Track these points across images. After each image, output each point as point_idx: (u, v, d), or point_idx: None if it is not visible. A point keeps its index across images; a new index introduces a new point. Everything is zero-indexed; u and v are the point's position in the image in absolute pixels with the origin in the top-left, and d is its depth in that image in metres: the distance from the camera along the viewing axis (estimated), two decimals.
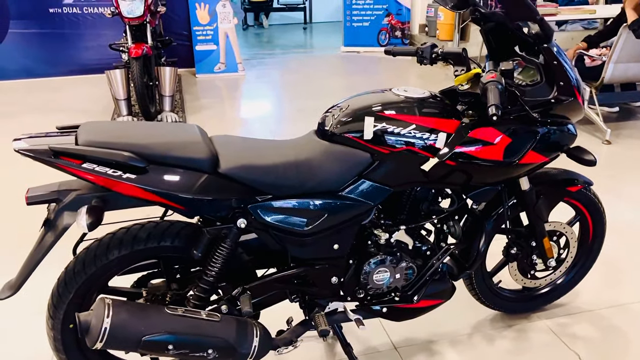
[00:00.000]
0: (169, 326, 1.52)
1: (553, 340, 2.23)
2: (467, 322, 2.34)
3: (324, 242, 1.76)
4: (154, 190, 1.51)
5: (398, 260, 1.86)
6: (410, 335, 2.25)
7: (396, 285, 1.90)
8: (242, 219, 1.64)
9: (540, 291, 2.36)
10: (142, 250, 1.65)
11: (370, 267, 1.83)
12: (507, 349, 2.19)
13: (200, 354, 1.56)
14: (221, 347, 1.58)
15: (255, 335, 1.64)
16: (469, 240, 1.99)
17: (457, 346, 2.20)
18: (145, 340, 1.47)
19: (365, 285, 1.86)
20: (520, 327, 2.30)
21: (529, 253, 2.14)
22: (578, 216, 2.25)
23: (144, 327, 1.48)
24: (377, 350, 2.19)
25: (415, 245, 1.93)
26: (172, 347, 1.51)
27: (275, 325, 1.90)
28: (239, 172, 1.60)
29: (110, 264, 1.64)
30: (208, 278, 1.67)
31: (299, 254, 1.76)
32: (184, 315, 1.56)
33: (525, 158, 1.80)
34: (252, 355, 1.63)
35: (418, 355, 2.15)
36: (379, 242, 1.84)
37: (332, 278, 1.83)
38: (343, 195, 1.73)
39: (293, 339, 1.82)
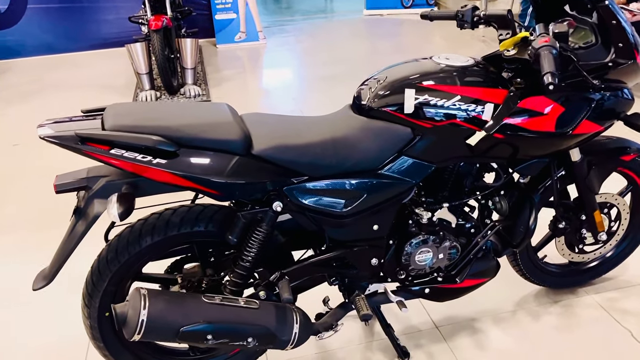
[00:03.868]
0: (207, 315, 1.46)
1: (602, 316, 2.13)
2: (510, 298, 2.25)
3: (363, 223, 1.68)
4: (185, 175, 1.43)
5: (441, 240, 1.77)
6: (451, 314, 2.18)
7: (439, 265, 1.81)
8: (277, 201, 1.56)
9: (588, 265, 2.25)
10: (176, 236, 1.59)
11: (411, 247, 1.74)
12: (553, 325, 2.10)
13: (240, 343, 1.50)
14: (261, 335, 1.53)
15: (295, 321, 1.58)
16: (515, 216, 1.87)
17: (500, 323, 2.12)
18: (183, 331, 1.42)
19: (407, 266, 1.78)
20: (567, 303, 2.21)
21: (578, 227, 2.02)
22: (630, 186, 2.11)
23: (181, 317, 1.43)
24: (417, 329, 2.12)
25: (459, 223, 1.83)
26: (211, 337, 1.46)
27: (312, 306, 1.84)
28: (273, 153, 1.52)
29: (143, 251, 1.58)
30: (244, 264, 1.60)
31: (337, 235, 1.68)
32: (221, 304, 1.50)
33: (579, 128, 1.67)
34: (292, 342, 1.58)
35: (460, 333, 2.08)
36: (421, 222, 1.74)
37: (372, 259, 1.75)
38: (383, 173, 1.64)
39: (333, 322, 1.75)
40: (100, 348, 1.69)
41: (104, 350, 1.69)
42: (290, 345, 1.58)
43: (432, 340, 2.06)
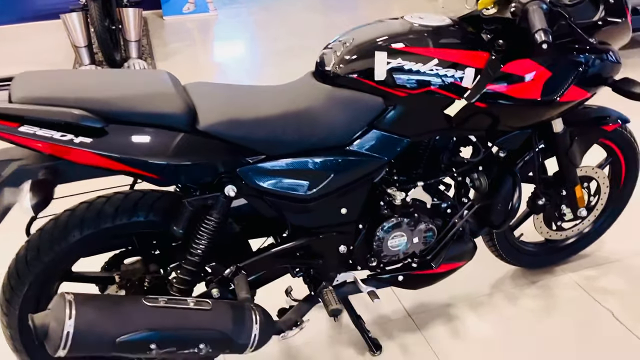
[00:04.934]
0: (149, 321, 1.24)
1: (581, 296, 2.02)
2: (486, 281, 2.11)
3: (329, 207, 1.48)
4: (116, 157, 1.19)
5: (416, 222, 1.58)
6: (424, 300, 2.02)
7: (413, 250, 1.63)
8: (230, 185, 1.33)
9: (566, 242, 2.13)
10: (110, 229, 1.35)
11: (384, 232, 1.56)
12: (531, 308, 1.97)
13: (190, 350, 1.28)
14: (215, 340, 1.31)
15: (254, 321, 1.37)
16: (495, 195, 1.71)
17: (476, 309, 1.98)
18: (120, 342, 1.19)
19: (379, 253, 1.59)
20: (544, 283, 2.09)
21: (558, 203, 1.89)
22: (610, 158, 1.99)
23: (117, 326, 1.20)
24: (389, 318, 1.95)
25: (434, 204, 1.65)
26: (155, 347, 1.23)
27: (273, 298, 1.64)
28: (222, 128, 1.28)
29: (72, 247, 1.33)
30: (193, 258, 1.37)
31: (300, 222, 1.47)
32: (166, 307, 1.27)
33: (566, 95, 1.50)
34: (252, 345, 1.37)
35: (435, 321, 1.93)
36: (394, 203, 1.55)
37: (340, 247, 1.55)
38: (351, 150, 1.43)
39: (298, 319, 1.56)
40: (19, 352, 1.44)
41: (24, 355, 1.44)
42: (249, 348, 1.37)
43: (405, 330, 1.90)
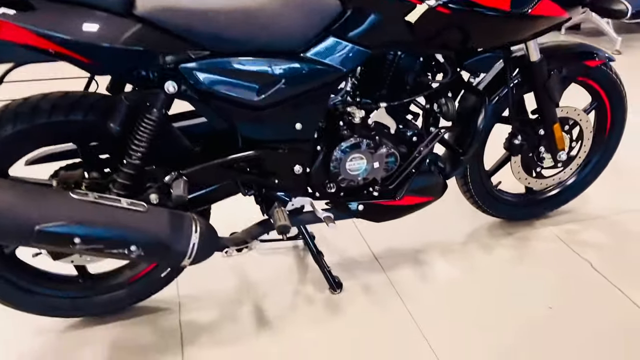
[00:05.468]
0: (73, 213, 1.16)
1: (560, 248, 1.92)
2: (460, 231, 2.02)
3: (282, 119, 1.39)
4: (44, 33, 1.12)
5: (376, 145, 1.50)
6: (394, 246, 1.93)
7: (374, 176, 1.54)
8: (171, 81, 1.26)
9: (546, 194, 2.02)
10: (46, 126, 1.28)
11: (342, 152, 1.47)
12: (507, 258, 1.87)
13: (120, 251, 1.21)
14: (148, 244, 1.23)
15: (194, 230, 1.30)
16: (464, 123, 1.62)
17: (447, 256, 1.88)
18: (40, 231, 1.12)
19: (337, 176, 1.51)
20: (523, 235, 1.98)
21: (536, 144, 1.79)
22: (595, 103, 1.88)
23: (38, 214, 1.13)
24: (354, 260, 1.86)
25: (399, 130, 1.56)
26: (79, 241, 1.16)
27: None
28: (161, 15, 1.21)
29: (4, 143, 1.26)
30: (132, 160, 1.30)
31: (250, 133, 1.39)
32: (95, 201, 1.20)
33: (538, 8, 1.41)
34: (190, 255, 1.29)
35: (402, 265, 1.83)
36: (353, 122, 1.47)
37: (296, 167, 1.47)
38: (305, 57, 1.35)
39: (247, 239, 1.47)
40: None
41: None
42: (187, 258, 1.30)
43: (369, 271, 1.81)
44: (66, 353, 1.52)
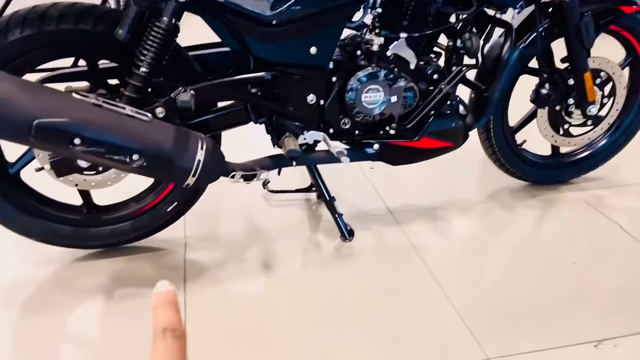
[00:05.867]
0: (74, 112, 1.12)
1: (587, 210, 1.81)
2: (481, 192, 1.93)
3: (296, 41, 1.34)
4: None
5: (395, 78, 1.43)
6: (410, 202, 1.85)
7: (392, 112, 1.48)
8: None
9: (574, 157, 1.92)
10: (54, 34, 1.25)
11: (358, 82, 1.41)
12: (530, 217, 1.78)
13: (121, 158, 1.16)
14: (151, 155, 1.19)
15: (199, 147, 1.24)
16: (488, 61, 1.54)
17: (467, 213, 1.79)
18: (38, 125, 1.08)
19: (352, 109, 1.44)
20: (547, 198, 1.88)
21: (565, 95, 1.70)
22: (629, 58, 1.78)
23: (37, 108, 1.09)
24: (368, 213, 1.79)
25: (420, 65, 1.49)
26: (79, 142, 1.12)
27: None
28: None
29: (10, 48, 1.24)
30: (139, 71, 1.26)
31: (262, 53, 1.34)
32: (98, 104, 1.16)
33: None
34: (195, 172, 1.24)
35: (418, 220, 1.75)
36: (371, 50, 1.41)
37: (309, 96, 1.41)
38: None
39: (256, 168, 1.42)
40: None
41: None
42: (191, 176, 1.24)
43: (383, 223, 1.73)
44: (69, 281, 1.48)
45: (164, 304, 0.34)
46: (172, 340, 0.32)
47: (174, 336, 0.33)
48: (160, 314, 0.33)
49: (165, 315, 0.33)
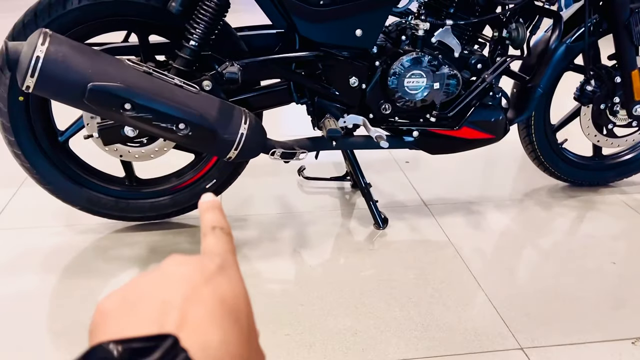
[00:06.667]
0: (127, 78, 1.16)
1: (628, 213, 1.77)
2: (518, 189, 1.90)
3: (342, 22, 1.36)
4: None
5: (438, 65, 1.43)
6: (445, 195, 1.84)
7: (433, 99, 1.47)
8: None
9: (616, 160, 1.88)
10: (109, 4, 1.29)
11: (402, 67, 1.42)
12: (568, 216, 1.74)
13: (168, 126, 1.19)
14: (197, 125, 1.21)
15: (243, 121, 1.27)
16: (534, 54, 1.53)
17: (502, 209, 1.77)
18: (92, 88, 1.12)
19: (394, 94, 1.45)
20: (586, 199, 1.85)
21: (610, 93, 1.67)
22: None
23: (92, 71, 1.13)
24: (403, 204, 1.79)
25: (464, 54, 1.49)
26: (130, 107, 1.15)
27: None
28: None
29: (68, 17, 1.29)
30: (189, 44, 1.29)
31: (309, 33, 1.36)
32: (149, 72, 1.19)
33: None
34: (237, 145, 1.26)
35: (453, 213, 1.74)
36: (416, 35, 1.41)
37: (351, 78, 1.43)
38: None
39: (295, 147, 1.43)
40: (12, 144, 1.40)
41: (16, 147, 1.40)
42: (234, 149, 1.27)
43: (417, 214, 1.73)
44: (107, 250, 1.52)
45: (211, 208, 0.36)
46: (221, 234, 0.34)
47: (223, 232, 0.34)
48: (209, 215, 0.35)
49: (213, 216, 0.35)
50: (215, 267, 0.31)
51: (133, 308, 0.27)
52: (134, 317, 0.27)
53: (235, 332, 0.28)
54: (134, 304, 0.28)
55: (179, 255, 0.31)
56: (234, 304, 0.29)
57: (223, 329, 0.27)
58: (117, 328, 0.27)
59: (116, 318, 0.27)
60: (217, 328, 0.27)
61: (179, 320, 0.26)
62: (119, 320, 0.27)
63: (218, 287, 0.29)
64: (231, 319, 0.28)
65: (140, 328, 0.26)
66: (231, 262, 0.32)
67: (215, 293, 0.29)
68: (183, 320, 0.26)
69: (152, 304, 0.27)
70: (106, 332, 0.27)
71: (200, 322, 0.27)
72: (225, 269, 0.31)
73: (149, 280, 0.29)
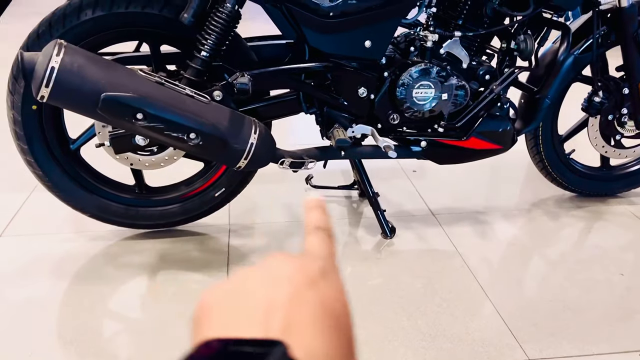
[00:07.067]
0: (140, 88, 1.17)
1: (635, 224, 1.77)
2: (525, 200, 1.91)
3: (351, 34, 1.37)
4: None
5: (447, 76, 1.44)
6: (452, 205, 1.85)
7: (441, 110, 1.48)
8: None
9: (624, 170, 1.88)
10: (122, 15, 1.31)
11: (410, 78, 1.43)
12: (576, 227, 1.75)
13: (179, 135, 1.21)
14: (208, 135, 1.23)
15: (253, 131, 1.28)
16: (542, 65, 1.54)
17: (510, 219, 1.78)
18: (105, 98, 1.13)
19: (402, 104, 1.46)
20: (594, 209, 1.85)
21: (618, 104, 1.67)
22: None
23: (105, 81, 1.14)
24: (410, 214, 1.79)
25: (472, 65, 1.50)
26: (141, 116, 1.17)
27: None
28: None
29: (82, 27, 1.31)
30: (201, 55, 1.31)
31: (319, 43, 1.37)
32: (161, 82, 1.21)
33: None
34: (247, 155, 1.28)
35: (460, 222, 1.74)
36: (425, 46, 1.43)
37: (360, 89, 1.44)
38: None
39: (304, 157, 1.44)
40: (24, 152, 1.42)
41: (29, 155, 1.42)
42: (244, 159, 1.28)
43: (425, 224, 1.73)
44: (117, 257, 1.53)
45: (317, 208, 0.35)
46: (324, 236, 0.34)
47: (327, 234, 0.34)
48: (314, 215, 0.35)
49: (318, 216, 0.35)
50: (318, 270, 0.30)
51: (237, 305, 0.27)
52: (238, 315, 0.26)
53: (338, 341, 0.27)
54: (237, 300, 0.27)
55: (282, 254, 0.31)
56: (336, 311, 0.28)
57: (327, 338, 0.26)
58: (221, 324, 0.26)
59: (220, 313, 0.27)
60: (321, 336, 0.26)
61: (283, 323, 0.26)
62: (223, 315, 0.27)
63: (321, 291, 0.28)
64: (334, 327, 0.27)
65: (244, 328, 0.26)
66: (333, 266, 0.32)
67: (318, 297, 0.28)
68: (287, 323, 0.26)
69: (256, 302, 0.27)
70: (211, 327, 0.26)
71: (304, 328, 0.26)
72: (327, 273, 0.30)
73: (252, 277, 0.29)
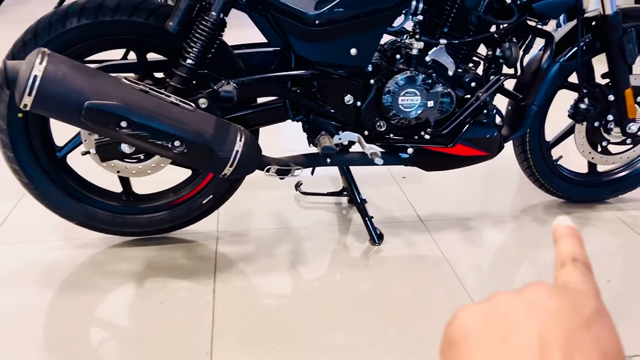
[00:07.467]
0: (123, 96, 1.18)
1: (623, 230, 1.77)
2: (514, 206, 1.91)
3: (337, 41, 1.38)
4: None
5: (433, 83, 1.45)
6: (441, 211, 1.85)
7: (428, 117, 1.49)
8: None
9: (611, 176, 1.89)
10: (108, 24, 1.32)
11: (396, 85, 1.43)
12: None
13: (163, 143, 1.21)
14: (193, 143, 1.23)
15: (239, 138, 1.28)
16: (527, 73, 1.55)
17: (498, 225, 1.78)
18: (89, 106, 1.13)
19: (388, 112, 1.46)
20: (582, 215, 1.85)
21: (604, 111, 1.68)
22: None
23: (89, 90, 1.14)
24: (399, 220, 1.80)
25: (458, 73, 1.51)
26: (125, 124, 1.17)
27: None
28: None
29: (67, 35, 1.31)
30: (186, 63, 1.31)
31: (305, 51, 1.38)
32: (145, 90, 1.21)
33: None
34: (232, 163, 1.28)
35: (448, 229, 1.75)
36: (410, 54, 1.43)
37: (346, 96, 1.44)
38: None
39: (290, 164, 1.44)
40: (10, 160, 1.42)
41: (15, 163, 1.42)
42: (229, 166, 1.28)
43: (413, 230, 1.73)
44: (104, 265, 1.53)
45: (571, 236, 0.32)
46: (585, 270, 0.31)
47: (587, 269, 0.31)
48: (569, 244, 0.32)
49: (574, 246, 0.32)
50: (592, 310, 0.27)
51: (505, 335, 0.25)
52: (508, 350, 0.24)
53: None
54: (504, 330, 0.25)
55: (546, 284, 0.28)
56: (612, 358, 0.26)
57: None
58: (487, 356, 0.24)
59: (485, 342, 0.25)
60: None
61: None
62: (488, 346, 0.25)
63: (599, 336, 0.26)
64: None
65: None
66: (604, 307, 0.29)
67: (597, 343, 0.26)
68: None
69: (529, 337, 0.25)
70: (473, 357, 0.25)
71: None
72: (601, 316, 0.28)
73: (514, 305, 0.27)
